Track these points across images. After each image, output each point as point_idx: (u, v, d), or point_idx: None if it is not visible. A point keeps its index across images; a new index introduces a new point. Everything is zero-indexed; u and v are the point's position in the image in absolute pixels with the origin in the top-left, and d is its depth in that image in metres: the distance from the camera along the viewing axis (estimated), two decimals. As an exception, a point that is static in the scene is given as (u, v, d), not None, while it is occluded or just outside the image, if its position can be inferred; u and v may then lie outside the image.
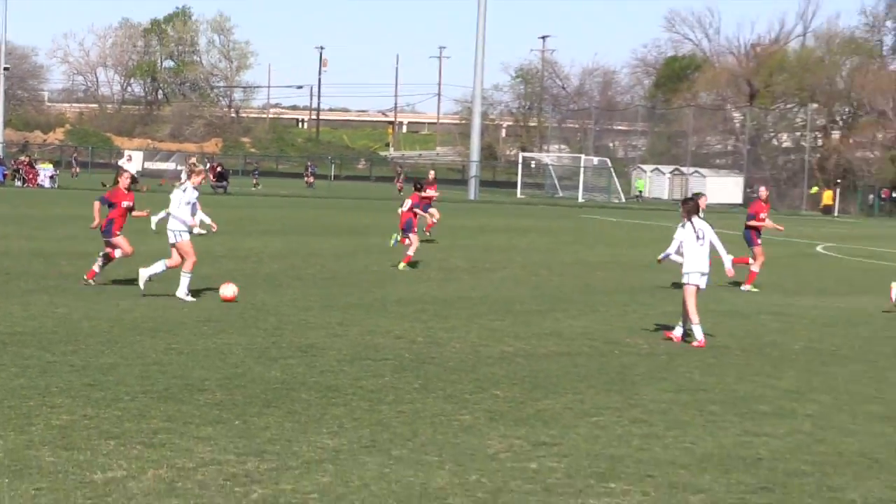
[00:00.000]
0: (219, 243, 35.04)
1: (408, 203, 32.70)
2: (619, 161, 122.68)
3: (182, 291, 23.17)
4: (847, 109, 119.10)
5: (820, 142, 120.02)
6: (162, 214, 38.94)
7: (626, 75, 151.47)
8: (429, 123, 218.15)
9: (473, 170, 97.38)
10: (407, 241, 32.07)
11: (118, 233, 25.04)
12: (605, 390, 15.59)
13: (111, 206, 25.13)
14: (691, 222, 20.21)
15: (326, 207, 64.41)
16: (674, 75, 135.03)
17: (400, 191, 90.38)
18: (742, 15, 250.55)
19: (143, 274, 23.42)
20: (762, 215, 30.95)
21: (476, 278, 29.93)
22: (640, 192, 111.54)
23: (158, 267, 23.65)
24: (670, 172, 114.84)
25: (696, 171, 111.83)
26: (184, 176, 26.83)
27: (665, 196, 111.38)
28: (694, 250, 20.10)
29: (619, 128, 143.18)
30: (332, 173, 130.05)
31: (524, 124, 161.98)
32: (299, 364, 16.39)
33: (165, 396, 13.74)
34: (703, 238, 20.09)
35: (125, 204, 25.15)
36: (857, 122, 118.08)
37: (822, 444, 13.05)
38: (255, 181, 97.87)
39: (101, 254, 25.18)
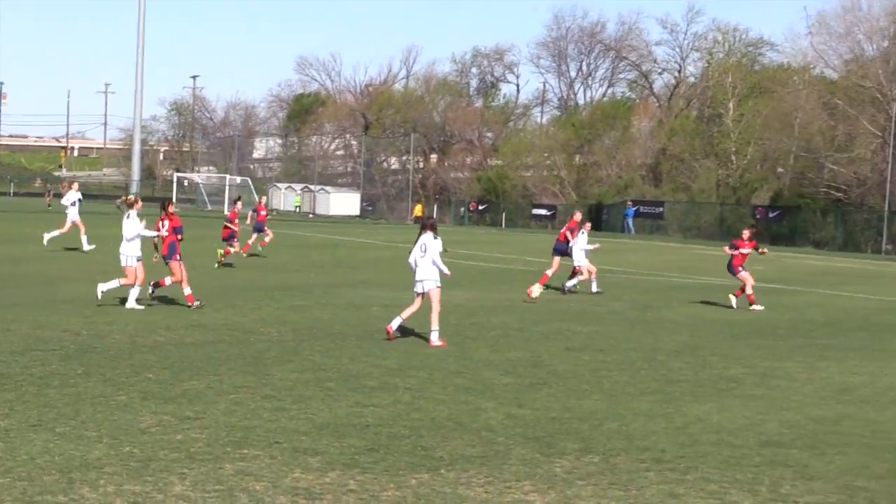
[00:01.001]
0: None
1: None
2: (259, 180, 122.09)
3: (131, 303, 22.48)
4: (442, 138, 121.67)
5: (421, 164, 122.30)
6: (55, 233, 37.52)
7: (264, 109, 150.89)
8: (97, 148, 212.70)
9: (134, 188, 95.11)
10: (232, 250, 35.34)
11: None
12: (242, 372, 15.45)
13: (176, 230, 23.53)
14: (419, 238, 19.63)
15: (4, 220, 61.64)
16: (302, 109, 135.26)
17: (49, 205, 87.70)
18: (358, 60, 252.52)
19: (101, 287, 22.58)
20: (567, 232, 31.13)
21: (135, 279, 29.18)
22: (298, 206, 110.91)
23: (113, 283, 22.64)
24: (301, 190, 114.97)
25: (323, 189, 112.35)
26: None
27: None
28: (419, 262, 19.58)
29: (258, 153, 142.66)
30: (11, 191, 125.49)
31: (179, 149, 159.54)
32: (-24, 356, 15.68)
33: None
34: (425, 252, 19.43)
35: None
36: (450, 148, 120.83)
37: (418, 412, 13.25)
38: None
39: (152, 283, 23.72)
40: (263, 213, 42.04)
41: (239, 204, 38.99)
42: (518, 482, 10.35)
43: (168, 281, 23.79)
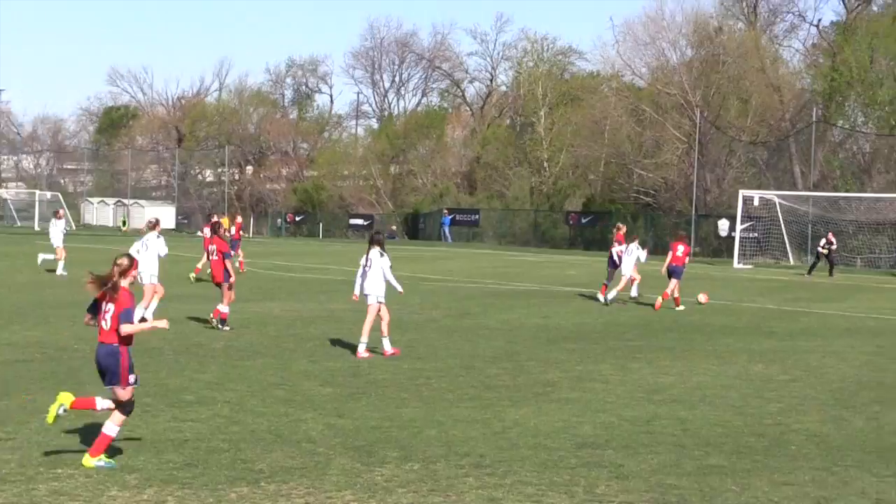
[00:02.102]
0: None
1: None
2: (70, 195, 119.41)
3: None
4: (258, 149, 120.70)
5: (237, 176, 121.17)
6: (50, 256, 37.70)
7: (74, 123, 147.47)
8: None
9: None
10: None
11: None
12: (55, 390, 15.07)
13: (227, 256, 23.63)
14: (367, 253, 19.90)
15: None
16: (113, 123, 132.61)
17: None
18: (169, 72, 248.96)
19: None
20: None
21: (-59, 299, 28.28)
22: (124, 222, 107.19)
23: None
24: (114, 203, 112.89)
25: (136, 202, 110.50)
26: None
27: (110, 224, 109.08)
28: (366, 275, 19.89)
29: (69, 167, 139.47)
30: None
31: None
32: None
33: None
34: (370, 266, 19.76)
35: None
36: (266, 159, 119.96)
37: (237, 425, 13.14)
38: None
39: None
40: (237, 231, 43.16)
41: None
42: (339, 492, 10.35)
43: (223, 308, 23.33)
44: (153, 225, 25.09)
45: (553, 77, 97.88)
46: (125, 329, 11.33)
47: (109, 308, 11.40)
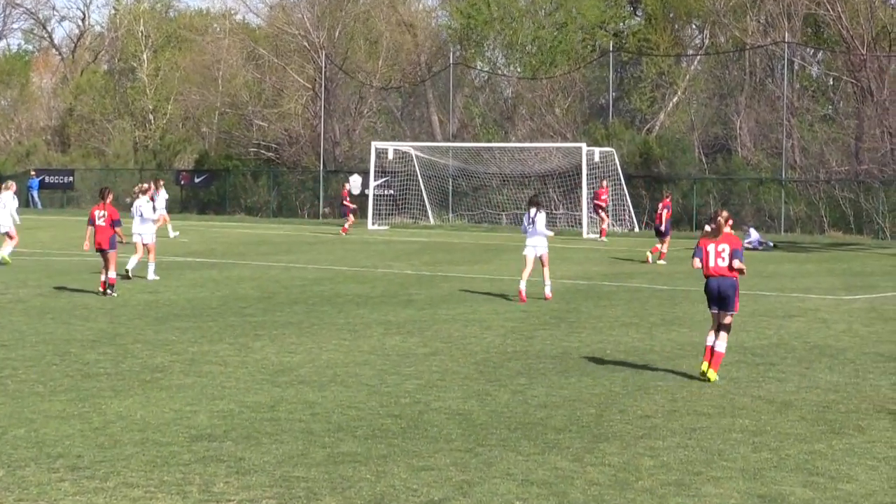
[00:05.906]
0: None
1: None
2: None
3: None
4: None
5: None
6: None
7: None
8: None
9: None
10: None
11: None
12: None
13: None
14: (529, 212, 26.36)
15: None
16: None
17: None
18: None
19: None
20: None
21: None
22: None
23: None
24: None
25: None
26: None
27: None
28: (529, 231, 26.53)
29: None
30: None
31: None
32: None
33: None
34: (534, 223, 26.28)
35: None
36: None
37: None
38: None
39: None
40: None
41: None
42: None
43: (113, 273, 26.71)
44: (144, 190, 31.45)
45: (157, 15, 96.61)
46: (738, 264, 16.36)
47: (724, 248, 16.43)
